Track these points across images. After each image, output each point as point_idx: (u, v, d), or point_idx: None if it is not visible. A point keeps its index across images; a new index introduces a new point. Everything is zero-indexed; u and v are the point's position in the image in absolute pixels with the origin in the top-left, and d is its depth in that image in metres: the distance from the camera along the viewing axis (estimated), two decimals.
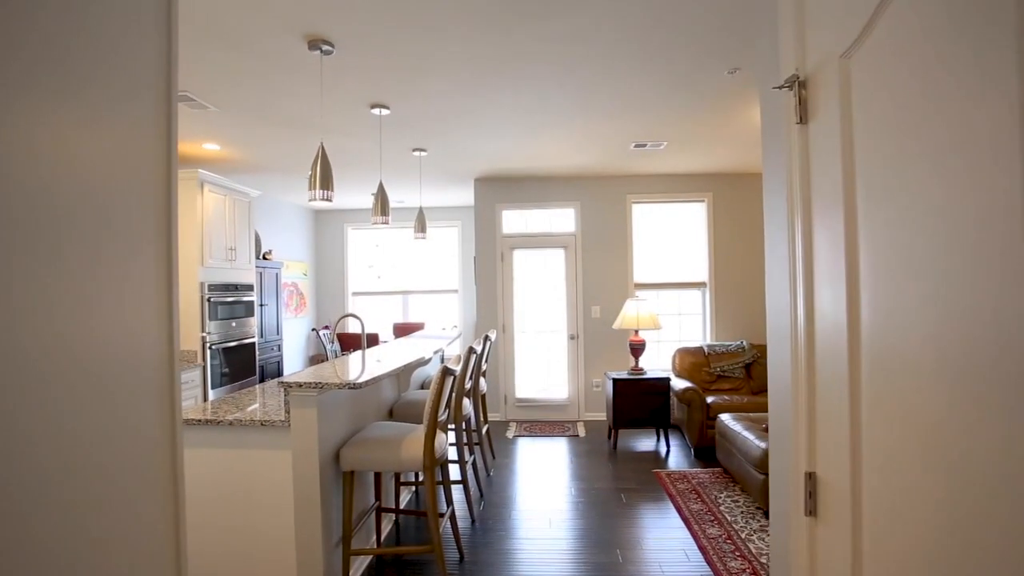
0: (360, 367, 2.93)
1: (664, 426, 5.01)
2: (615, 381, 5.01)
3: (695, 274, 6.21)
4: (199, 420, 2.50)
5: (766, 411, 4.76)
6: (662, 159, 5.41)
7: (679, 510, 3.60)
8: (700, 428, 4.71)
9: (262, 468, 2.49)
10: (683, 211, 6.24)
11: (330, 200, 2.63)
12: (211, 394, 4.59)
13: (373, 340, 6.69)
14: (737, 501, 3.71)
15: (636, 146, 4.85)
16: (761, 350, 5.47)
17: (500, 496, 3.94)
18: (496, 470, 4.52)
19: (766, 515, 3.46)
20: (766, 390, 5.52)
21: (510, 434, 5.62)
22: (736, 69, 3.21)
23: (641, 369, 5.17)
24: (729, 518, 3.44)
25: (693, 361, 5.46)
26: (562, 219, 6.28)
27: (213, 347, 4.63)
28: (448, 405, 2.87)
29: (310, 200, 2.62)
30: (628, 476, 4.33)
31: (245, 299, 5.17)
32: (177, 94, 0.96)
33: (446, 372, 2.53)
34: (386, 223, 3.67)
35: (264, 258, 6.47)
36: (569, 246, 6.21)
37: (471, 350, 3.45)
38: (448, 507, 2.96)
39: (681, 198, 6.18)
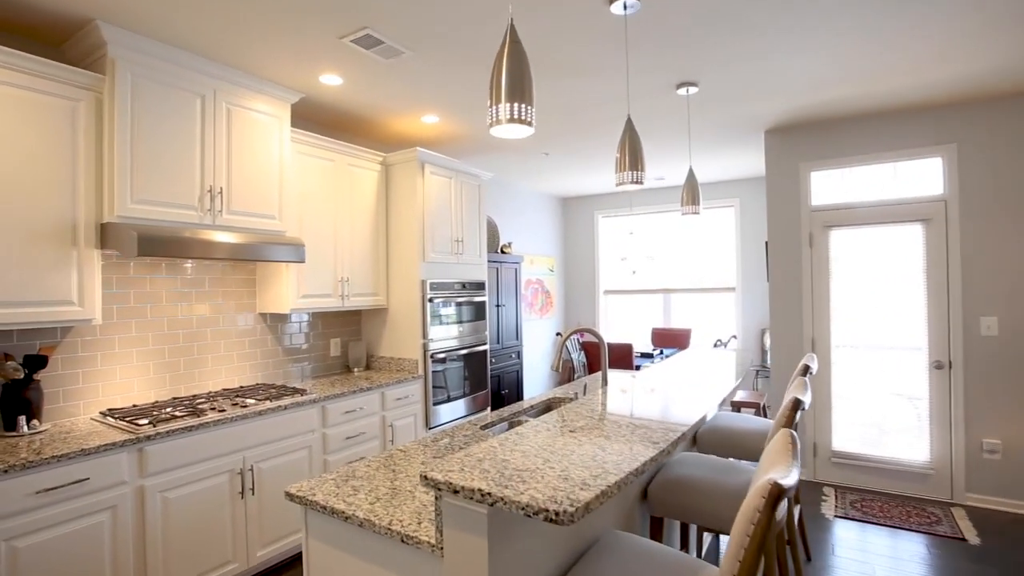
0: (594, 417, 1.64)
1: None
2: None
3: None
4: (323, 508, 1.53)
5: None
6: None
7: None
8: None
9: None
10: None
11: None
12: (433, 413, 3.90)
13: (625, 353, 5.39)
14: None
15: None
16: None
17: None
18: None
19: None
20: None
21: (827, 511, 3.67)
22: None
23: None
24: None
25: None
26: (919, 176, 3.96)
27: (436, 355, 3.95)
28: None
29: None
30: None
31: (476, 299, 4.42)
32: None
33: (777, 496, 1.04)
34: (638, 183, 2.31)
35: (502, 252, 5.76)
36: (933, 218, 3.87)
37: (796, 405, 1.84)
38: None
39: None
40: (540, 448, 1.44)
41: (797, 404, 1.85)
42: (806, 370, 2.62)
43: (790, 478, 1.13)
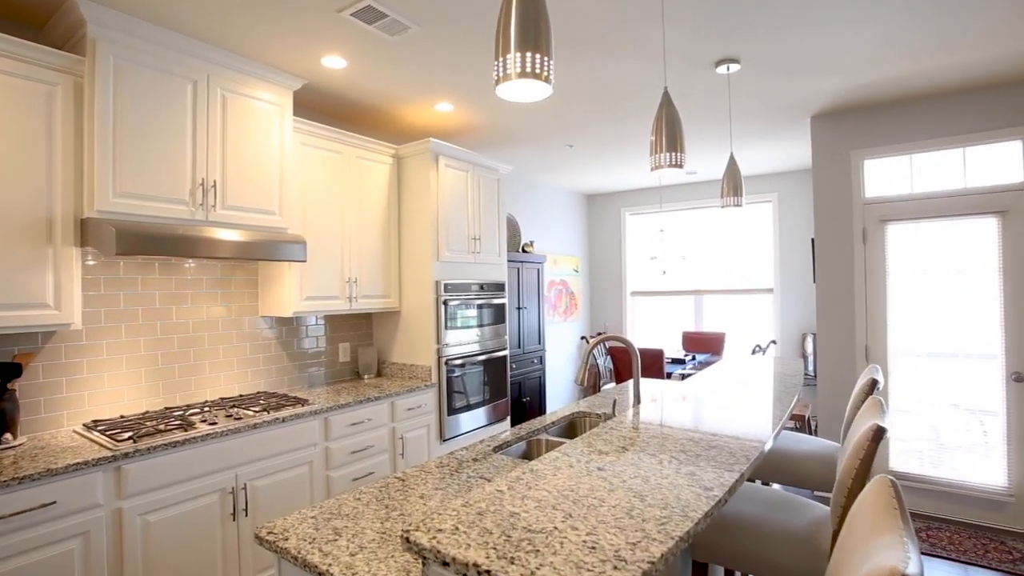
0: (627, 447, 1.32)
1: None
2: None
3: None
4: (294, 558, 1.25)
5: None
6: None
7: None
8: None
9: None
10: None
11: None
12: (448, 423, 3.62)
13: (655, 360, 5.03)
14: None
15: None
16: None
17: None
18: None
19: None
20: None
21: None
22: None
23: None
24: None
25: None
26: (993, 163, 3.51)
27: (451, 362, 3.66)
28: None
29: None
30: None
31: (495, 301, 4.13)
32: None
33: None
34: (677, 167, 1.99)
35: (523, 251, 5.46)
36: (1011, 209, 3.43)
37: (879, 435, 1.49)
38: None
39: None
40: (560, 495, 1.14)
41: (880, 434, 1.50)
42: (873, 386, 2.25)
43: (913, 563, 0.79)
